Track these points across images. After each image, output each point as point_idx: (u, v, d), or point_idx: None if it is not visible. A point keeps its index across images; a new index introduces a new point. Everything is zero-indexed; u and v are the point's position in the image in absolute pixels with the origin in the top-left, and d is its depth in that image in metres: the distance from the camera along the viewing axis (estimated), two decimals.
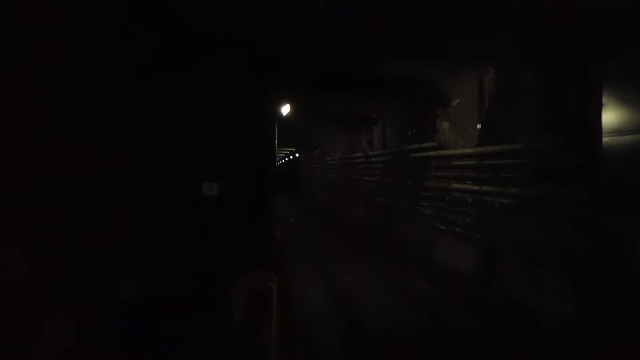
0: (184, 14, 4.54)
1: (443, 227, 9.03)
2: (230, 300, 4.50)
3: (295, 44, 5.77)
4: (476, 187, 7.83)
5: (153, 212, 4.59)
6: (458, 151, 8.64)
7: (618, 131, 4.73)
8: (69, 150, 3.00)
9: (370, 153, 15.13)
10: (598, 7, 3.97)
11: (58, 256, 2.82)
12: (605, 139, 4.89)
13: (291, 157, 35.32)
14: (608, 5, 3.92)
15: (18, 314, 2.42)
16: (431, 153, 9.81)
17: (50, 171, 2.76)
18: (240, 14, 4.48)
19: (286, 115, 11.12)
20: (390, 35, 5.14)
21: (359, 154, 16.41)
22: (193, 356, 4.20)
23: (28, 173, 2.55)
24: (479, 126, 8.00)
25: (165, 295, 4.39)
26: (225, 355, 4.26)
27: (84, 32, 3.19)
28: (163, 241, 4.78)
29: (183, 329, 4.27)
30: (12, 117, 2.43)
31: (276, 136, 7.57)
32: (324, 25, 4.86)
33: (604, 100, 4.91)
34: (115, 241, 3.66)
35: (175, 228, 4.99)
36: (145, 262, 4.31)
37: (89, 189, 3.27)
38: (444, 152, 9.27)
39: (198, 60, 5.32)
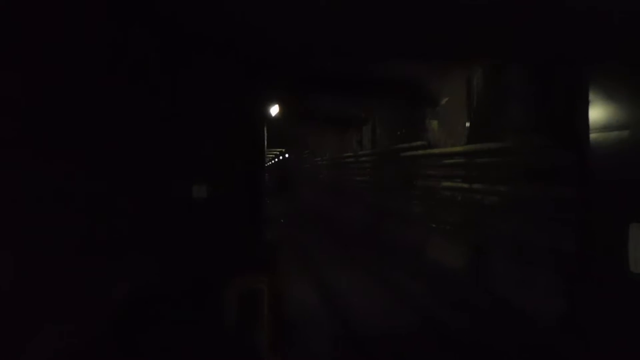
0: (173, 16, 4.51)
1: (434, 226, 9.06)
2: (222, 302, 4.48)
3: (284, 45, 5.76)
4: (465, 185, 7.86)
5: (143, 214, 4.55)
6: (447, 150, 8.68)
7: (605, 128, 4.77)
8: (59, 152, 2.97)
9: (360, 153, 15.16)
10: (586, 8, 4.01)
11: (49, 258, 2.79)
12: (592, 136, 4.93)
13: (281, 157, 35.28)
14: (596, 6, 3.96)
15: (10, 316, 2.40)
16: (420, 152, 9.84)
17: (39, 173, 2.73)
18: (230, 16, 4.46)
19: (275, 115, 11.10)
20: (380, 35, 5.15)
21: (349, 154, 16.43)
22: (185, 359, 4.17)
23: (18, 175, 2.52)
24: (467, 125, 8.05)
25: (156, 298, 4.35)
26: (217, 357, 4.23)
27: (79, 34, 3.16)
28: (153, 244, 4.75)
29: (174, 331, 4.24)
30: (2, 118, 2.41)
31: (266, 137, 7.55)
32: (313, 26, 4.85)
33: (590, 97, 4.95)
34: (105, 244, 3.63)
35: (166, 230, 4.95)
36: (136, 264, 4.28)
37: (79, 191, 3.23)
38: (433, 151, 9.30)
39: (187, 61, 5.29)
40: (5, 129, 2.43)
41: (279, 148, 31.95)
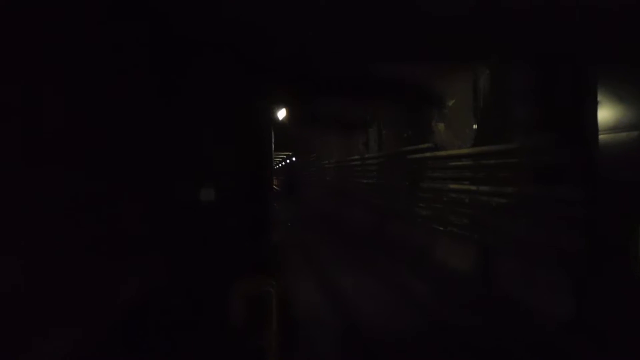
0: (179, 20, 4.54)
1: (441, 228, 9.02)
2: (230, 305, 4.49)
3: (289, 48, 5.77)
4: (473, 187, 7.82)
5: (150, 217, 4.57)
6: (454, 152, 8.64)
7: (614, 128, 4.73)
8: (66, 154, 2.98)
9: (366, 155, 15.13)
10: (591, 7, 3.99)
11: (56, 260, 2.80)
12: (601, 137, 4.89)
13: (287, 161, 35.33)
14: (601, 6, 3.94)
15: (13, 319, 2.41)
16: (427, 154, 9.81)
17: (42, 174, 2.74)
18: (234, 20, 4.48)
19: (282, 119, 11.13)
20: (384, 37, 5.15)
21: (355, 157, 16.40)
22: None
23: (21, 176, 2.54)
24: (474, 126, 8.01)
25: (164, 300, 4.36)
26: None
27: (79, 35, 3.18)
28: (160, 246, 4.76)
29: (182, 334, 4.24)
30: (7, 121, 2.42)
31: (273, 141, 7.57)
32: (316, 29, 4.86)
33: (599, 98, 4.92)
34: (112, 246, 3.64)
35: (173, 233, 4.96)
36: (143, 267, 4.29)
37: (87, 194, 3.25)
38: (440, 153, 9.27)
39: (194, 66, 5.32)
40: (9, 130, 2.45)
41: (286, 152, 32.00)
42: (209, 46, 5.27)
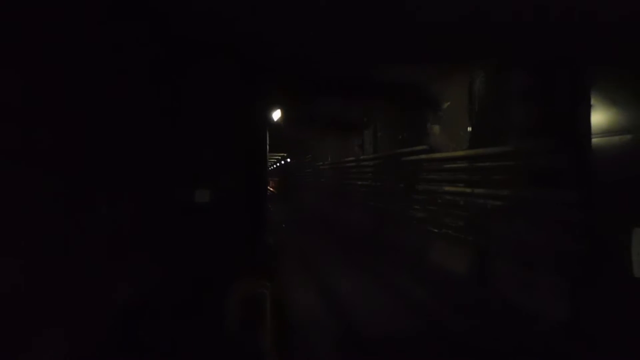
0: (179, 20, 4.54)
1: (436, 230, 9.06)
2: (224, 307, 4.48)
3: (285, 50, 5.78)
4: (468, 190, 7.86)
5: (146, 219, 4.56)
6: (449, 154, 8.68)
7: (607, 132, 4.78)
8: (66, 155, 2.98)
9: (361, 157, 15.16)
10: (586, 11, 4.03)
11: (56, 260, 2.80)
12: (594, 140, 4.94)
13: (282, 162, 35.30)
14: (596, 10, 3.99)
15: (17, 318, 2.41)
16: (422, 156, 9.84)
17: (41, 176, 2.74)
18: (231, 22, 4.49)
19: (277, 120, 11.12)
20: (383, 39, 5.17)
21: (351, 159, 16.43)
22: None
23: (19, 178, 2.53)
24: (469, 129, 8.06)
25: (159, 302, 4.35)
26: None
27: (80, 39, 3.18)
28: (156, 248, 4.75)
29: (177, 336, 4.24)
30: (7, 121, 2.42)
31: (267, 142, 7.57)
32: (313, 31, 4.88)
33: (593, 102, 4.97)
34: (109, 248, 3.63)
35: (168, 235, 4.96)
36: (139, 269, 4.28)
37: (83, 196, 3.24)
38: (435, 155, 9.31)
39: (190, 68, 5.32)
40: (6, 132, 2.44)
41: (281, 153, 31.97)
42: (209, 46, 5.27)
